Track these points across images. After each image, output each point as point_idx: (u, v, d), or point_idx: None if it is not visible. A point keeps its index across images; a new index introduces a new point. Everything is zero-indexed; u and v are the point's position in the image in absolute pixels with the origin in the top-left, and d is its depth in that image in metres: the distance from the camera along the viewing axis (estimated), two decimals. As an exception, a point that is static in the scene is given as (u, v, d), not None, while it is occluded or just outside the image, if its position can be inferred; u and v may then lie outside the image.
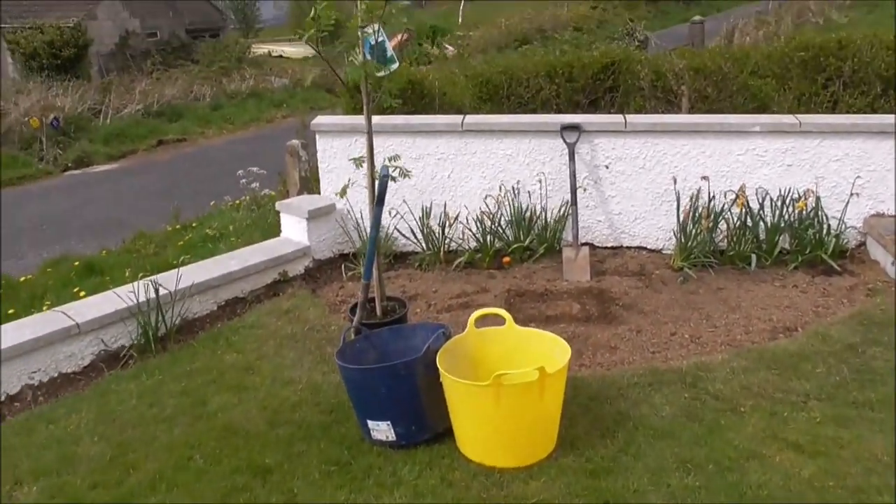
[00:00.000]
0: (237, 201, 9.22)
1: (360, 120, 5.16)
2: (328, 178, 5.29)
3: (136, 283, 4.23)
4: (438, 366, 2.94)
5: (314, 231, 5.11)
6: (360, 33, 3.32)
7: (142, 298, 4.12)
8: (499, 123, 5.05)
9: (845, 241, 4.84)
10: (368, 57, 3.34)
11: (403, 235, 5.21)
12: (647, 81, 5.76)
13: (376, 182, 3.52)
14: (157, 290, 4.14)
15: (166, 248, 8.59)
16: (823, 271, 4.73)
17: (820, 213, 4.78)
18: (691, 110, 5.80)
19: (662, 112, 5.85)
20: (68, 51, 19.11)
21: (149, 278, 4.38)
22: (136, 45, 21.72)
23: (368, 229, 5.17)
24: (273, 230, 7.24)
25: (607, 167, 5.02)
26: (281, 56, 29.96)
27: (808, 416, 3.21)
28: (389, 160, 3.56)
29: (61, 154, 13.97)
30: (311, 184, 5.76)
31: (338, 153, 5.21)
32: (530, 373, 2.81)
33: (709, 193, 4.83)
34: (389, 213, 5.18)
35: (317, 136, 5.24)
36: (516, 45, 27.15)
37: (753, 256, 4.67)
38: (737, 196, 4.82)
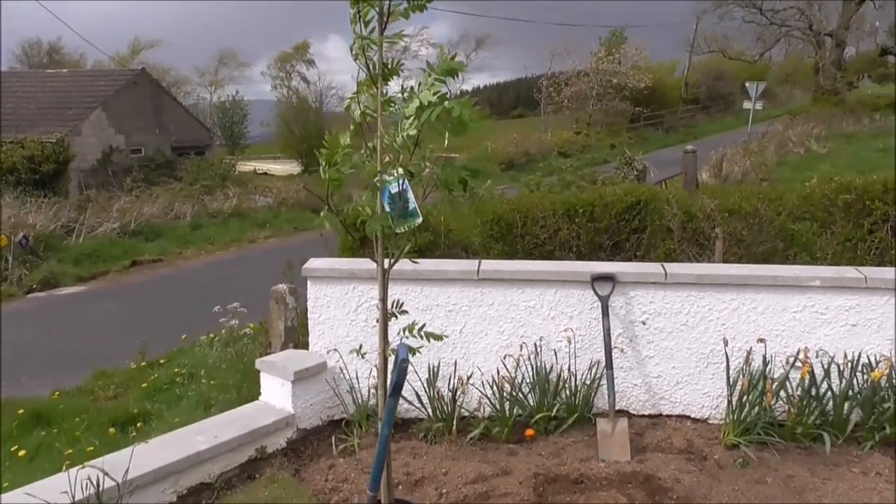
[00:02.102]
0: (211, 336, 8.36)
1: (360, 265, 4.52)
2: (319, 331, 4.54)
3: (73, 473, 3.35)
4: None
5: (301, 395, 4.30)
6: (377, 180, 2.68)
7: (79, 496, 3.23)
8: (520, 271, 4.40)
9: (925, 415, 4.13)
10: (387, 208, 2.68)
11: (406, 399, 4.41)
12: (676, 223, 5.20)
13: (389, 362, 2.79)
14: (98, 487, 3.26)
15: (128, 390, 7.69)
16: (903, 451, 4.00)
17: (895, 381, 4.09)
18: (725, 255, 5.22)
19: (694, 257, 5.26)
20: (48, 166, 18.68)
21: (94, 462, 3.51)
22: (119, 161, 21.41)
23: (365, 393, 4.45)
24: (251, 375, 6.40)
25: (644, 323, 4.35)
26: (266, 173, 30.02)
27: None
28: (409, 330, 2.82)
29: (27, 275, 13.15)
30: (297, 334, 5.00)
31: (332, 302, 4.50)
32: None
33: (764, 357, 4.15)
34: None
35: (308, 282, 4.54)
36: (503, 168, 27.44)
37: (827, 437, 3.92)
38: (796, 360, 4.14)
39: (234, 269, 14.06)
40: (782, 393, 4.13)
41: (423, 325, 2.93)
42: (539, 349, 4.36)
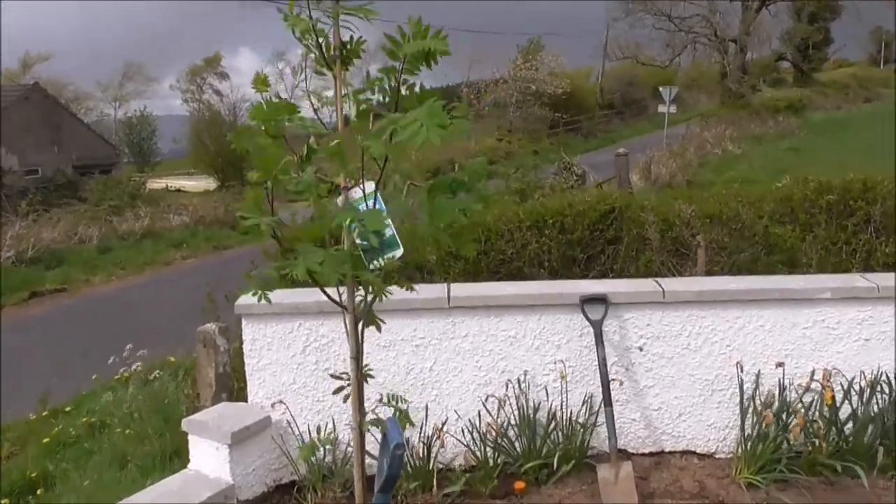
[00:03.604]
0: (125, 374, 7.31)
1: (306, 297, 3.77)
2: (259, 379, 3.77)
3: None
4: None
5: (240, 460, 3.52)
6: (340, 198, 2.00)
7: None
8: (498, 296, 3.77)
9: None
10: (356, 237, 1.99)
11: (370, 454, 3.69)
12: (654, 231, 4.71)
13: (365, 435, 2.11)
14: None
15: (26, 447, 6.60)
16: (930, 479, 3.59)
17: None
18: (708, 264, 4.76)
19: (675, 268, 4.78)
20: (-74, 190, 16.84)
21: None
22: (12, 183, 19.58)
23: (319, 450, 3.71)
24: (174, 419, 5.54)
25: (641, 349, 3.80)
26: (179, 190, 28.44)
27: None
28: (390, 400, 2.16)
29: None
30: (231, 381, 4.21)
31: (273, 343, 3.75)
32: None
33: (780, 383, 3.68)
34: (350, 426, 3.70)
35: (243, 321, 3.77)
36: (428, 177, 26.89)
37: (861, 471, 3.46)
38: (812, 382, 3.70)
39: (149, 295, 12.90)
40: (798, 419, 3.67)
41: (399, 398, 2.29)
42: (526, 385, 3.75)
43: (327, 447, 3.75)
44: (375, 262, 2.00)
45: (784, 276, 4.24)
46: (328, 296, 1.99)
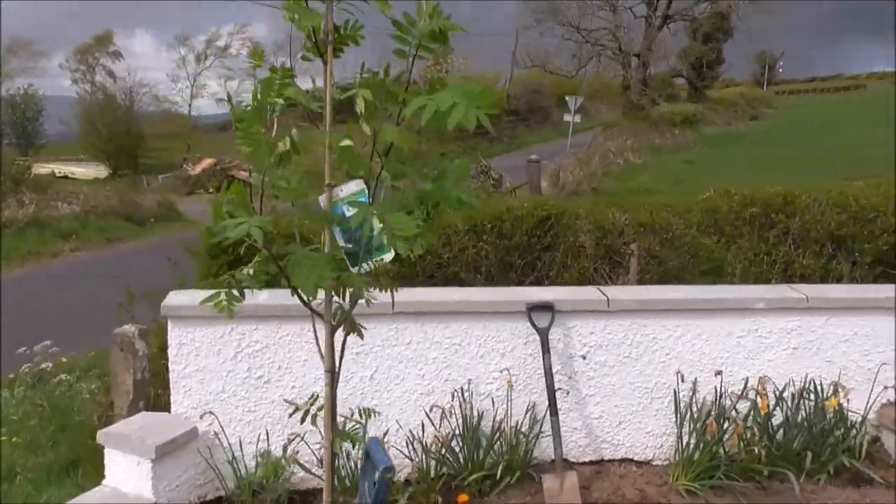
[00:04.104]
0: (11, 376, 6.64)
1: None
2: (185, 387, 3.48)
3: None
4: None
5: (164, 475, 3.22)
6: (324, 196, 1.83)
7: None
8: (443, 302, 3.65)
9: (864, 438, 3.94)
10: (341, 241, 1.83)
11: (304, 467, 3.49)
12: (590, 238, 4.72)
13: (340, 454, 1.94)
14: None
15: None
16: (850, 481, 3.78)
17: (844, 408, 3.86)
18: (640, 273, 4.82)
19: (608, 276, 4.81)
20: None
21: None
22: None
23: (251, 464, 3.47)
24: (72, 427, 5.08)
25: (584, 358, 3.78)
26: (67, 177, 26.65)
27: None
28: (359, 414, 2.00)
29: None
30: (149, 387, 3.86)
31: (202, 349, 3.46)
32: None
33: (716, 391, 3.75)
34: (287, 437, 3.47)
35: (169, 323, 3.46)
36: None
37: (792, 476, 3.57)
38: (746, 390, 3.79)
39: (36, 290, 11.91)
40: (733, 426, 3.75)
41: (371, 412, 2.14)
42: (469, 394, 3.64)
43: (258, 460, 3.51)
44: (364, 265, 1.85)
45: (722, 286, 4.36)
46: (304, 303, 1.81)
